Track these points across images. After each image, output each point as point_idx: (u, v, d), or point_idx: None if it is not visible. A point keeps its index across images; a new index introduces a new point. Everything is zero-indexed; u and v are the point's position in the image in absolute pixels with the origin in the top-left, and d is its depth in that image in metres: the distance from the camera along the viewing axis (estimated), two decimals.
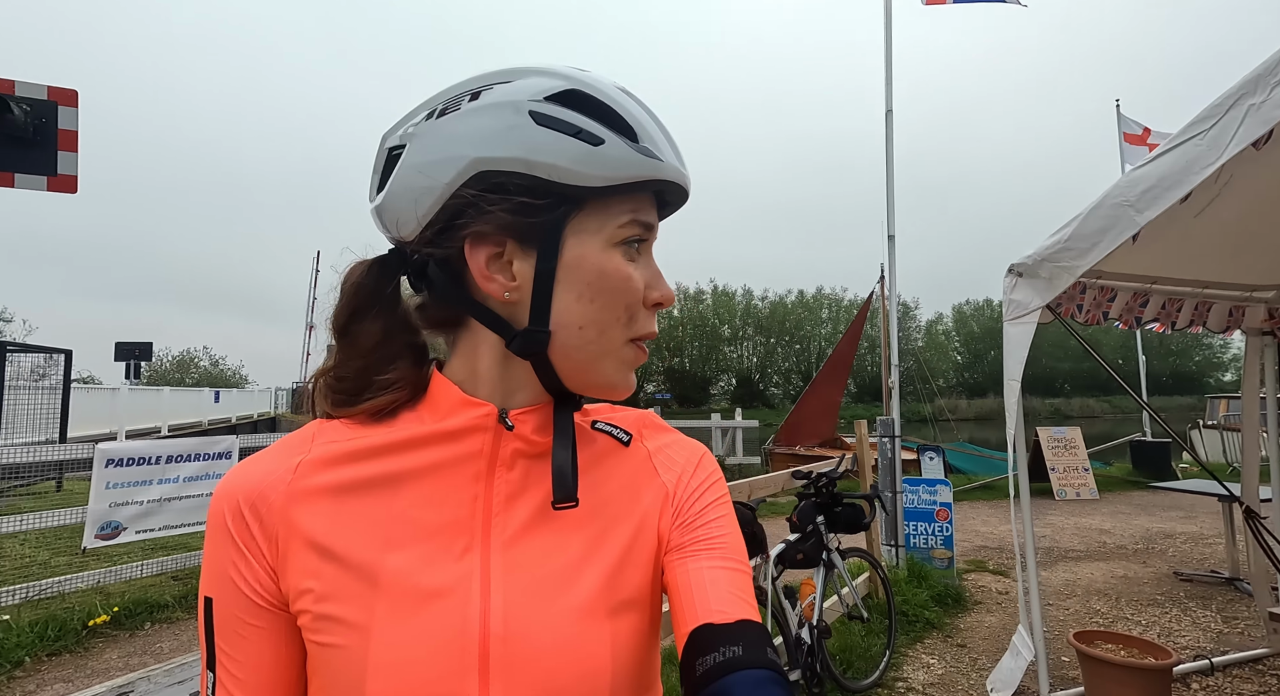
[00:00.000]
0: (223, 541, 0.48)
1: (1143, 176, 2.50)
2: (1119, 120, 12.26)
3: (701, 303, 62.25)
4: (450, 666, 0.45)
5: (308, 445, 0.51)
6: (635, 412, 0.61)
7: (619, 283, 0.49)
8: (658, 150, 0.49)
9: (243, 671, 0.48)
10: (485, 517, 0.50)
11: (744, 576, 0.51)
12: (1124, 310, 3.40)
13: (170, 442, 4.26)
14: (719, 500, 0.56)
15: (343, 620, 0.46)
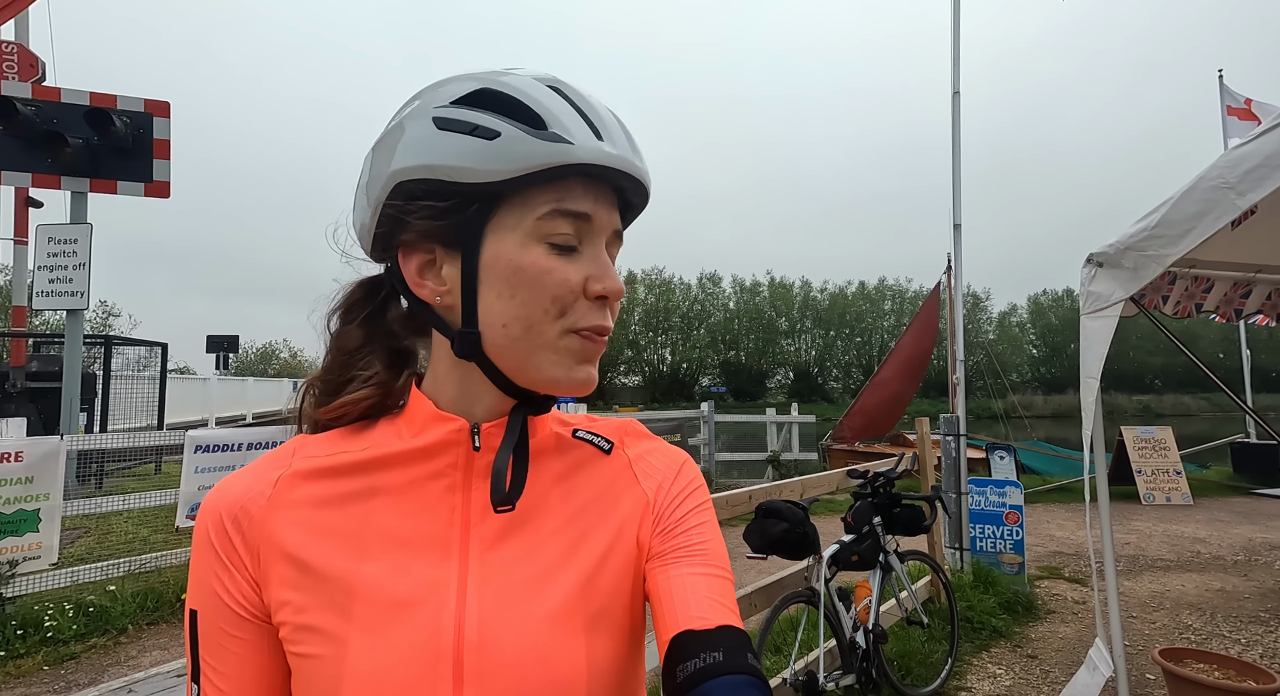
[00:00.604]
0: (207, 555, 0.50)
1: (1247, 155, 2.27)
2: (1222, 92, 11.19)
3: (759, 295, 61.30)
4: (424, 675, 0.45)
5: (288, 460, 0.52)
6: (616, 421, 0.62)
7: (537, 276, 0.48)
8: (569, 135, 0.47)
9: (227, 683, 0.48)
10: (464, 528, 0.50)
11: (725, 582, 0.51)
12: (1221, 302, 3.10)
13: (249, 430, 4.56)
14: (700, 507, 0.56)
15: (320, 631, 0.46)
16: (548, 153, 0.46)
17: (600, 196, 0.50)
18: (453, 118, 0.47)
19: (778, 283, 62.06)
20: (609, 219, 0.51)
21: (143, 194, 5.54)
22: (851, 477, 3.21)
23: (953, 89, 5.26)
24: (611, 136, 0.49)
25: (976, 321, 56.83)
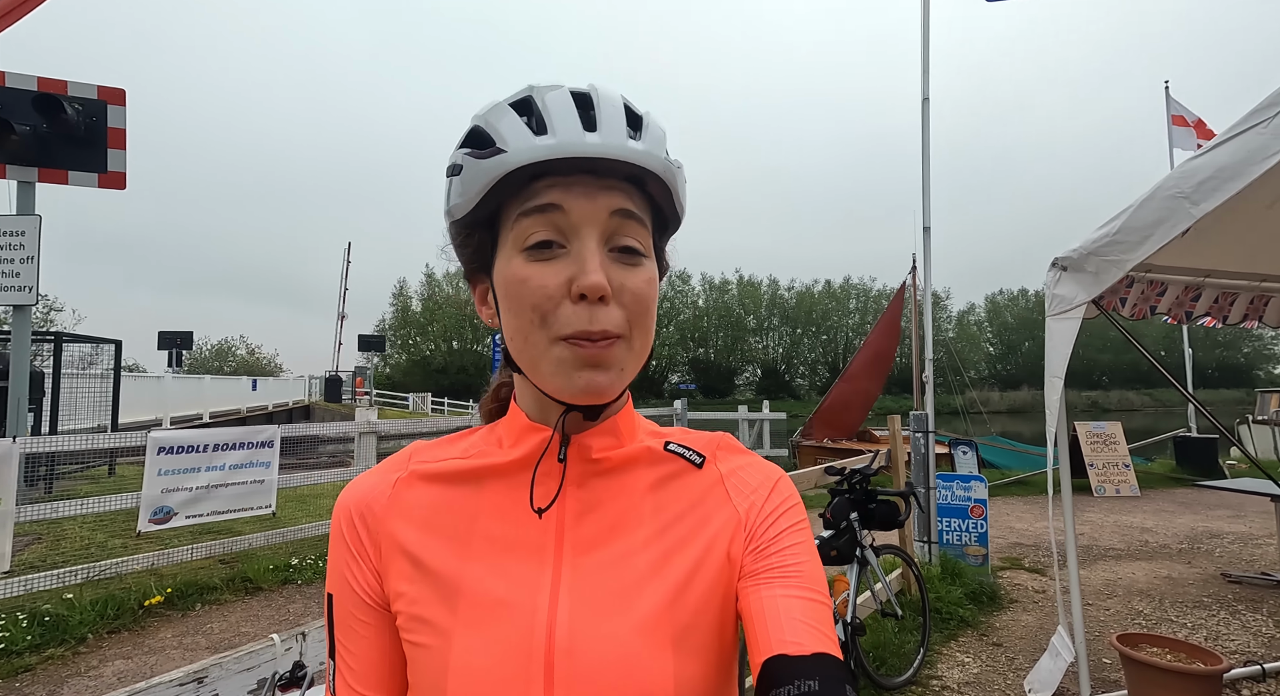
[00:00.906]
0: (340, 546, 0.56)
1: (1200, 167, 2.40)
2: (1167, 103, 11.78)
3: (727, 293, 61.88)
4: (518, 673, 0.48)
5: (404, 464, 0.58)
6: (710, 435, 0.61)
7: (516, 287, 0.49)
8: (505, 144, 0.48)
9: (356, 662, 0.54)
10: (558, 534, 0.52)
11: (821, 607, 0.49)
12: (1173, 304, 3.28)
13: (217, 431, 4.42)
14: (794, 526, 0.54)
15: (430, 622, 0.51)
16: (490, 168, 0.49)
17: (574, 185, 0.49)
18: (451, 162, 0.53)
19: (746, 281, 62.75)
20: (590, 206, 0.49)
21: (96, 185, 5.30)
22: (829, 474, 3.29)
23: (922, 95, 5.41)
24: (556, 126, 0.48)
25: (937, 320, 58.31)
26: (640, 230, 0.51)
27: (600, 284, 0.47)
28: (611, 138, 0.48)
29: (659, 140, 0.52)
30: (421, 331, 56.41)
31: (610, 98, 0.52)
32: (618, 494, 0.54)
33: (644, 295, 0.51)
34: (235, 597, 4.36)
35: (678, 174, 0.53)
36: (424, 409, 31.52)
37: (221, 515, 4.46)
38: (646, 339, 0.53)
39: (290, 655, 1.18)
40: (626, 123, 0.51)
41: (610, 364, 0.50)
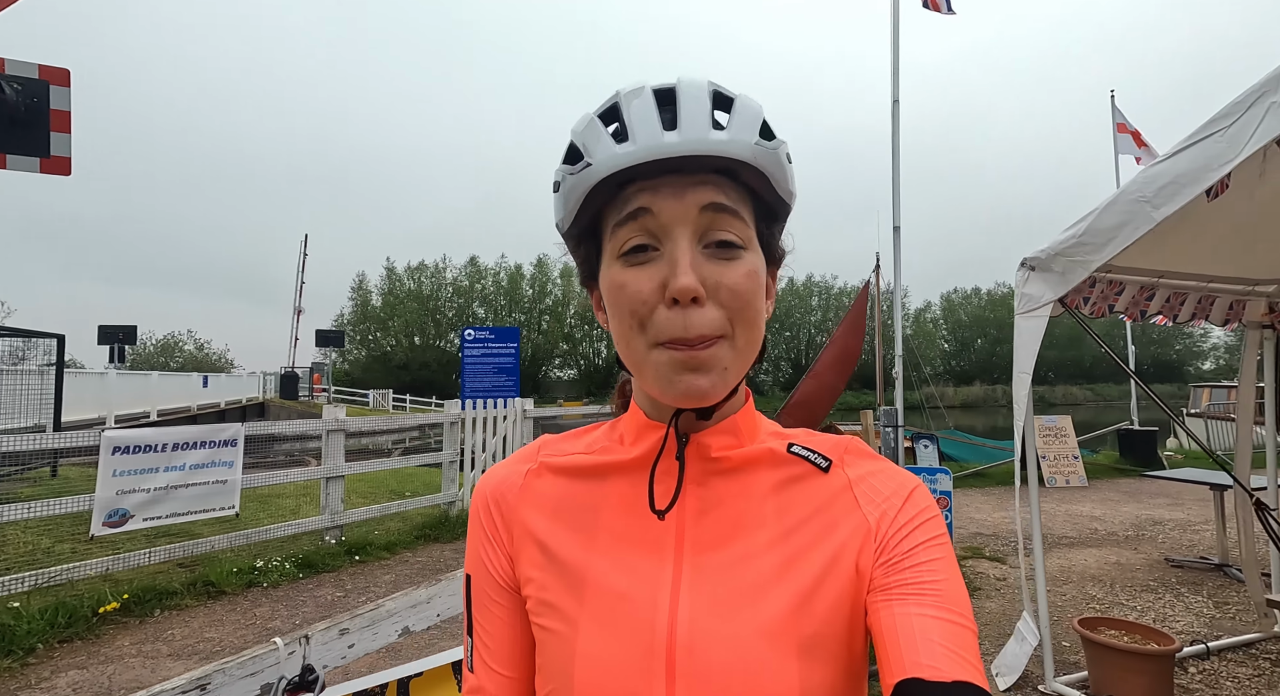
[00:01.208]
0: (477, 531, 0.60)
1: (1160, 173, 2.53)
2: (1113, 111, 12.37)
3: None
4: (640, 666, 0.49)
5: (534, 457, 0.61)
6: (837, 438, 0.58)
7: (615, 293, 0.50)
8: (591, 156, 0.49)
9: (491, 640, 0.58)
10: (679, 532, 0.53)
11: (964, 630, 0.45)
12: (1130, 303, 3.45)
13: (177, 430, 4.23)
14: (933, 540, 0.50)
15: (557, 609, 0.53)
16: (580, 181, 0.50)
17: (661, 187, 0.48)
18: (553, 180, 0.54)
19: None
20: (678, 205, 0.48)
21: (38, 170, 4.96)
22: None
23: (892, 97, 5.54)
24: (636, 130, 0.48)
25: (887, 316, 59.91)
26: (736, 222, 0.49)
27: (689, 286, 0.46)
28: (691, 133, 0.47)
29: (749, 125, 0.49)
30: (382, 326, 55.06)
31: (693, 89, 0.50)
32: (738, 494, 0.53)
33: (742, 290, 0.49)
34: (197, 602, 4.19)
35: (773, 157, 0.50)
36: (385, 406, 30.81)
37: (181, 517, 4.27)
38: (752, 334, 0.51)
39: (295, 659, 1.14)
40: (711, 112, 0.49)
41: (711, 366, 0.48)
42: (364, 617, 1.29)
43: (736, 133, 0.48)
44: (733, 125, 0.49)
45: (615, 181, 0.48)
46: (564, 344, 58.23)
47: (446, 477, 6.55)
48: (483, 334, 8.89)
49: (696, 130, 0.48)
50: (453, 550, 5.74)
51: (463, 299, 57.85)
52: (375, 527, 6.08)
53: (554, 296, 59.97)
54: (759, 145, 0.49)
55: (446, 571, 5.13)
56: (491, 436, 7.00)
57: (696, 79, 0.51)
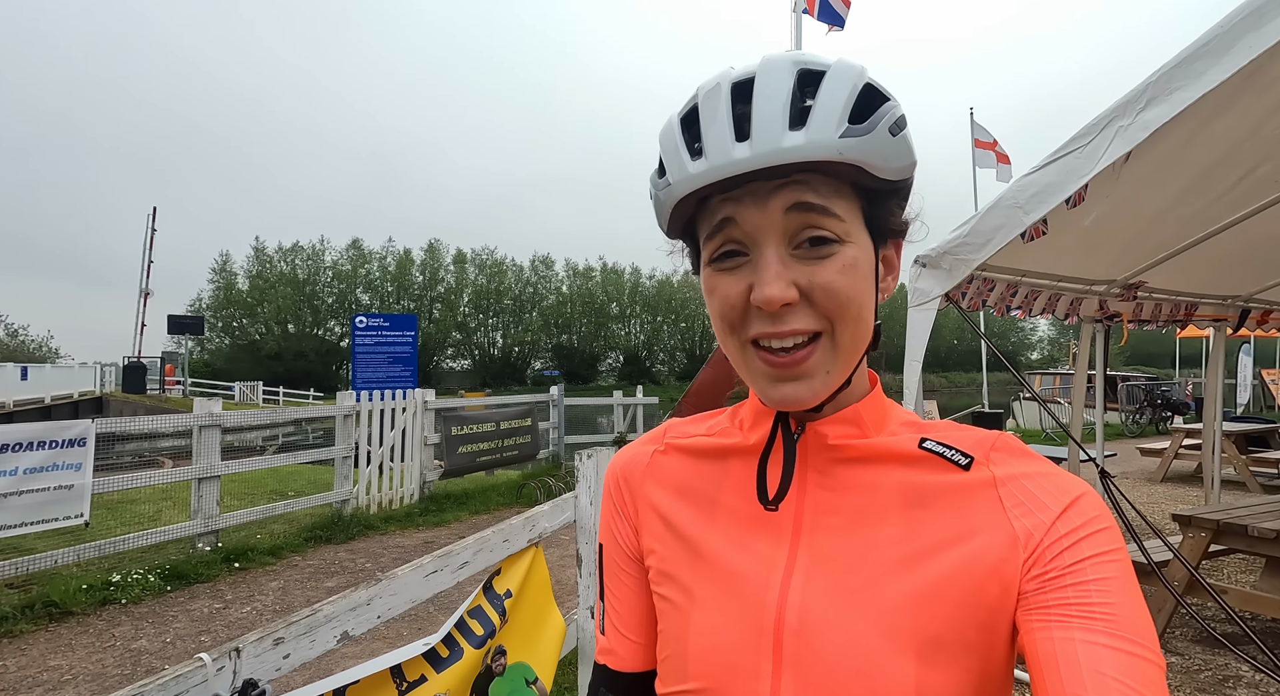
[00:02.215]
0: (609, 504, 0.64)
1: (1031, 182, 2.87)
2: (972, 127, 13.85)
3: (591, 279, 62.23)
4: (750, 642, 0.50)
5: (661, 439, 0.64)
6: (985, 434, 0.52)
7: (709, 298, 0.51)
8: (671, 172, 0.49)
9: (620, 605, 0.62)
10: (796, 517, 0.52)
11: (1144, 663, 0.40)
12: (998, 299, 3.90)
13: (8, 429, 3.59)
14: (1103, 555, 0.44)
15: (676, 580, 0.55)
16: (663, 199, 0.50)
17: (743, 196, 0.47)
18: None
19: (610, 268, 63.52)
20: (761, 213, 0.47)
21: None
22: None
23: None
24: (708, 143, 0.46)
25: None
26: (826, 218, 0.47)
27: (774, 296, 0.45)
28: (763, 144, 0.45)
29: (834, 114, 0.45)
30: (250, 313, 49.97)
31: (772, 78, 0.46)
32: (861, 485, 0.51)
33: (838, 287, 0.46)
34: (35, 627, 3.61)
35: (867, 145, 0.45)
36: (254, 399, 28.07)
37: (13, 530, 3.65)
38: (856, 328, 0.48)
39: (225, 675, 1.02)
40: (789, 106, 0.45)
41: (809, 373, 0.48)
42: (299, 624, 1.17)
43: (816, 131, 0.44)
44: (814, 119, 0.45)
45: (696, 197, 0.48)
46: (457, 333, 56.03)
47: (339, 474, 6.10)
48: (376, 321, 8.34)
49: (769, 138, 0.45)
50: (347, 551, 5.38)
51: (344, 284, 53.86)
52: (257, 531, 5.54)
53: (447, 283, 57.44)
54: (845, 139, 0.45)
55: (342, 574, 4.80)
56: (389, 430, 6.60)
57: (779, 59, 0.47)
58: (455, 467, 7.09)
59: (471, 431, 7.22)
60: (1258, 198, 3.34)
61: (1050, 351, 67.61)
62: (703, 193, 0.47)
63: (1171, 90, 2.25)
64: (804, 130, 0.45)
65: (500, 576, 1.75)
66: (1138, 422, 14.33)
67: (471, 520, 6.45)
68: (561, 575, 4.16)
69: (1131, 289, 4.23)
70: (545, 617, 1.87)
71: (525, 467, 8.33)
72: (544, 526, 1.85)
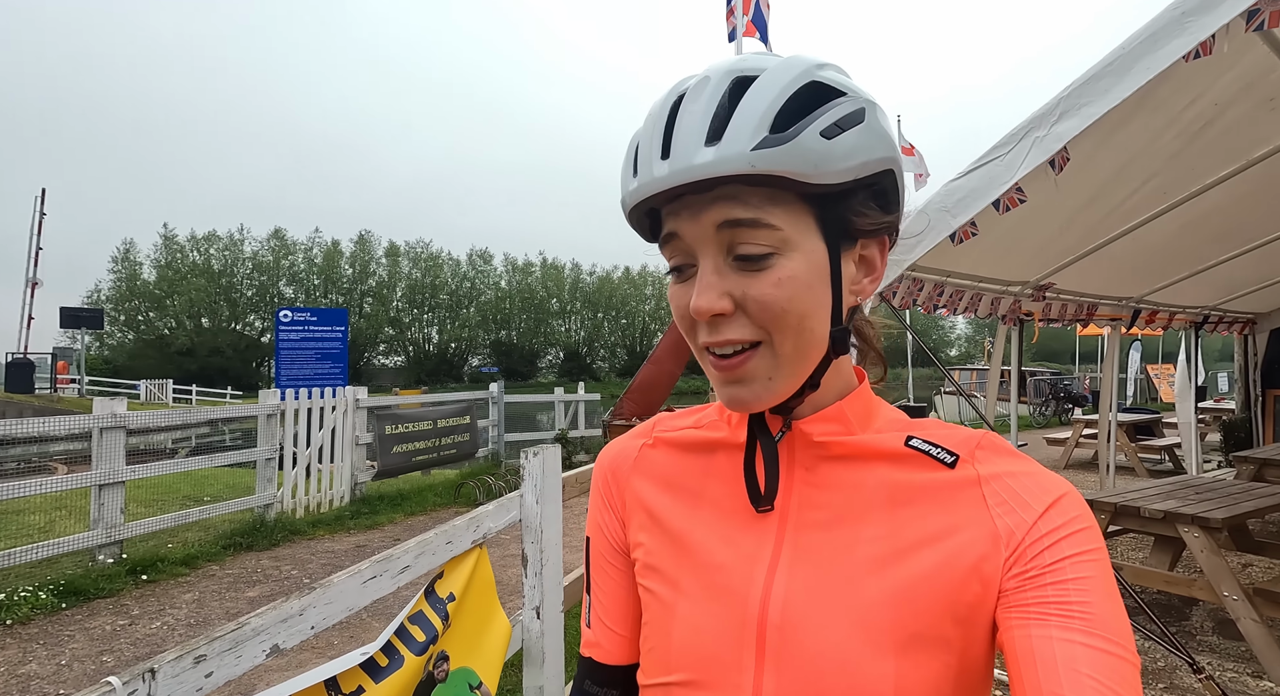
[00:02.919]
0: (597, 497, 0.64)
1: (958, 188, 3.04)
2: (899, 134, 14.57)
3: (530, 275, 61.34)
4: (732, 636, 0.50)
5: (650, 432, 0.64)
6: (971, 433, 0.52)
7: (672, 305, 0.52)
8: (623, 184, 0.49)
9: (606, 598, 0.62)
10: (781, 512, 0.52)
11: (1120, 662, 0.40)
12: (926, 298, 4.11)
13: None
14: (1081, 556, 0.44)
15: (662, 573, 0.55)
16: (625, 208, 0.51)
17: (681, 209, 0.47)
18: None
19: (550, 263, 62.81)
20: (696, 227, 0.47)
21: None
22: None
23: None
24: (640, 160, 0.47)
25: None
26: (757, 230, 0.46)
27: (701, 308, 0.47)
28: (679, 160, 0.44)
29: (751, 125, 0.43)
30: (157, 305, 46.34)
31: (698, 95, 0.46)
32: (846, 482, 0.51)
33: (770, 300, 0.46)
34: None
35: (787, 155, 0.43)
36: (162, 398, 26.09)
37: None
38: (799, 339, 0.47)
39: None
40: (710, 122, 0.44)
41: (750, 377, 0.48)
42: (224, 639, 1.09)
43: (728, 145, 0.43)
44: (728, 133, 0.44)
45: (644, 209, 0.49)
46: (390, 329, 53.98)
47: (262, 477, 5.75)
48: (303, 316, 7.90)
49: (684, 155, 0.45)
50: (271, 558, 5.08)
51: (266, 276, 50.81)
52: (168, 540, 5.15)
53: (379, 277, 55.18)
54: (759, 150, 0.43)
55: (266, 582, 4.52)
56: (317, 429, 6.28)
57: (717, 69, 0.47)
58: (389, 468, 6.83)
59: (407, 430, 6.97)
60: (1150, 208, 3.66)
61: (967, 348, 71.94)
62: (648, 205, 0.48)
63: (1081, 105, 2.43)
64: (717, 145, 0.44)
65: (443, 579, 1.69)
66: (1044, 414, 15.50)
67: (407, 521, 6.23)
68: (501, 575, 4.08)
69: (1042, 290, 4.54)
70: (490, 620, 1.82)
71: (463, 466, 8.12)
72: (489, 526, 1.80)
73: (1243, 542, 3.88)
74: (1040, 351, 61.16)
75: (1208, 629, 3.41)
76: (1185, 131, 2.95)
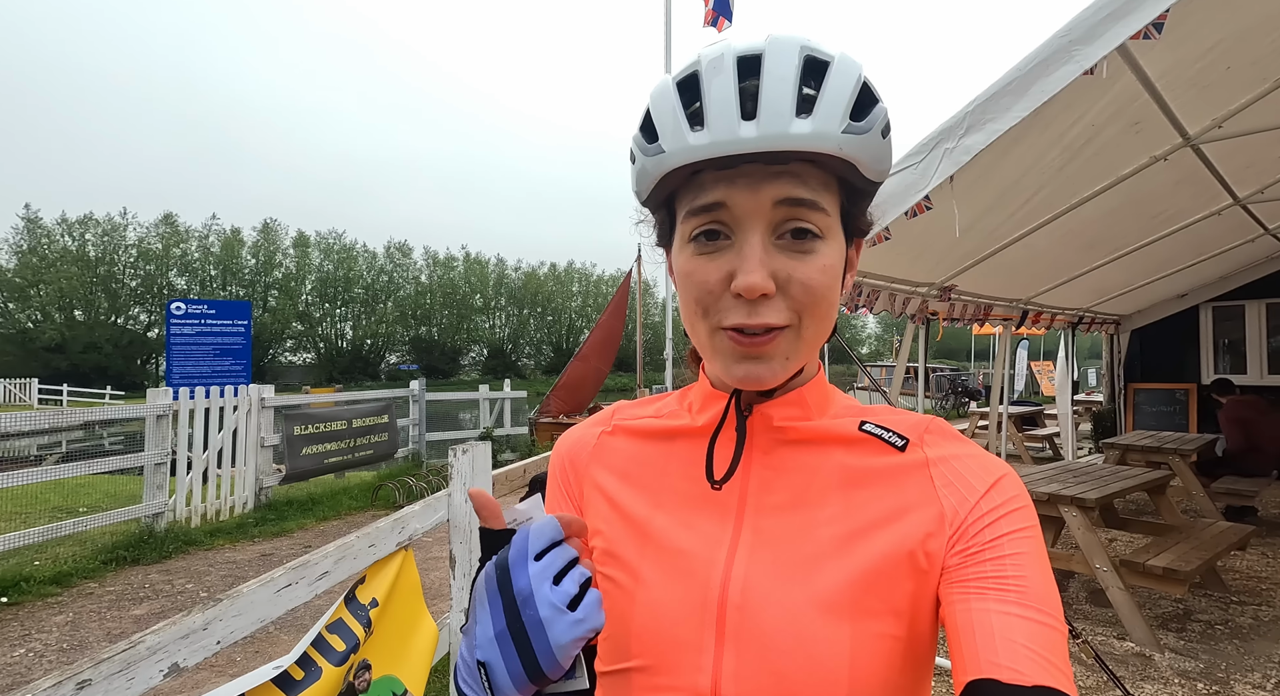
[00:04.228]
0: (554, 487, 0.63)
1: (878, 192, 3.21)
2: None
3: (453, 269, 59.38)
4: (693, 617, 0.50)
5: (609, 420, 0.64)
6: (919, 417, 0.55)
7: (684, 279, 0.51)
8: (665, 140, 0.47)
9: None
10: (741, 497, 0.53)
11: (1051, 632, 0.43)
12: (848, 300, 4.32)
13: None
14: (1018, 533, 0.47)
15: (621, 560, 0.55)
16: (652, 166, 0.48)
17: (738, 178, 0.46)
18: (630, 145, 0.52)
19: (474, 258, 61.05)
20: (753, 199, 0.46)
21: None
22: None
23: None
24: (712, 118, 0.45)
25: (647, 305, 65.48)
26: (815, 213, 0.47)
27: (756, 285, 0.46)
28: (771, 126, 0.44)
29: (838, 106, 0.45)
30: (19, 296, 41.15)
31: (781, 58, 0.45)
32: (804, 466, 0.53)
33: (815, 285, 0.47)
34: None
35: (863, 144, 0.46)
36: (25, 399, 23.27)
37: None
38: (822, 323, 0.50)
39: None
40: (798, 90, 0.45)
41: (772, 355, 0.49)
42: (114, 661, 0.98)
43: (823, 122, 0.44)
44: (820, 109, 0.45)
45: (688, 170, 0.47)
46: (298, 324, 50.65)
47: (151, 484, 5.23)
48: (199, 308, 7.26)
49: (777, 121, 0.44)
50: (162, 572, 4.64)
51: (153, 265, 46.29)
52: (34, 557, 4.59)
53: (285, 269, 51.61)
54: (847, 134, 0.45)
55: (155, 598, 4.13)
56: (217, 431, 5.79)
57: (787, 41, 0.47)
58: (299, 471, 6.41)
59: (318, 430, 6.56)
60: (1038, 217, 4.02)
61: (876, 346, 76.34)
62: (696, 166, 0.46)
63: (985, 121, 2.62)
64: (810, 119, 0.44)
65: (364, 585, 1.61)
66: (944, 407, 16.71)
67: (319, 527, 5.88)
68: (423, 578, 3.93)
69: (946, 291, 4.88)
70: (415, 625, 1.74)
71: (381, 468, 7.75)
72: (415, 527, 1.73)
73: (1110, 520, 4.34)
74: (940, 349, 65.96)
75: (1082, 599, 3.79)
76: (1069, 149, 3.25)
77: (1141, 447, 5.49)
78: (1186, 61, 2.76)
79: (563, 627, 0.41)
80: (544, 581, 0.42)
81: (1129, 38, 2.12)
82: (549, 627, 0.41)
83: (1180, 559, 3.27)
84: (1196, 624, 3.40)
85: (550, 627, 0.41)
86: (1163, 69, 2.74)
